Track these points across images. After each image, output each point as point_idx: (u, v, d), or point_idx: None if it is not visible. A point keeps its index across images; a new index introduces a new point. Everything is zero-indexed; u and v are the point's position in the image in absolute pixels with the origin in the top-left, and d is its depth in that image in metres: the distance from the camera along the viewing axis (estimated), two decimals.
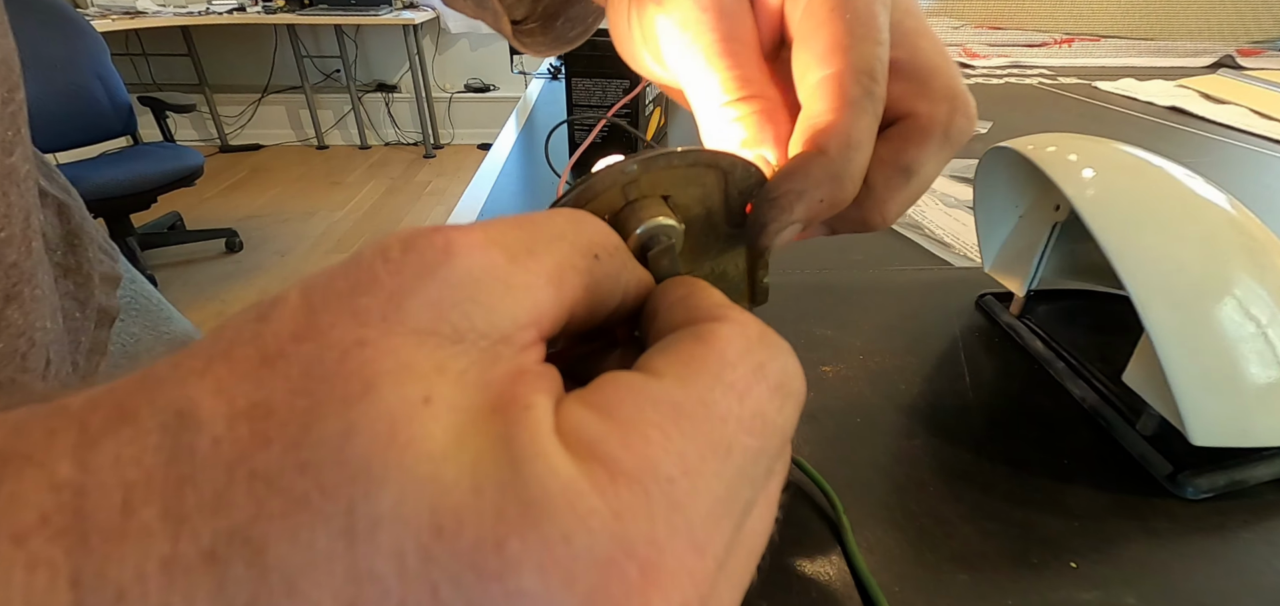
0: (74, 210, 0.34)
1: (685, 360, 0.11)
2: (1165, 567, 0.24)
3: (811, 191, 0.16)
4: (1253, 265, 0.26)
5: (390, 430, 0.09)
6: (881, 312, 0.40)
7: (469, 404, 0.09)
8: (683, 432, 0.10)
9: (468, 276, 0.10)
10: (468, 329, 0.10)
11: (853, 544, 0.24)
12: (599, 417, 0.10)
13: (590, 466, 0.09)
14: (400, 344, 0.09)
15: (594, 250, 0.13)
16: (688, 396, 0.11)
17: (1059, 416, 0.31)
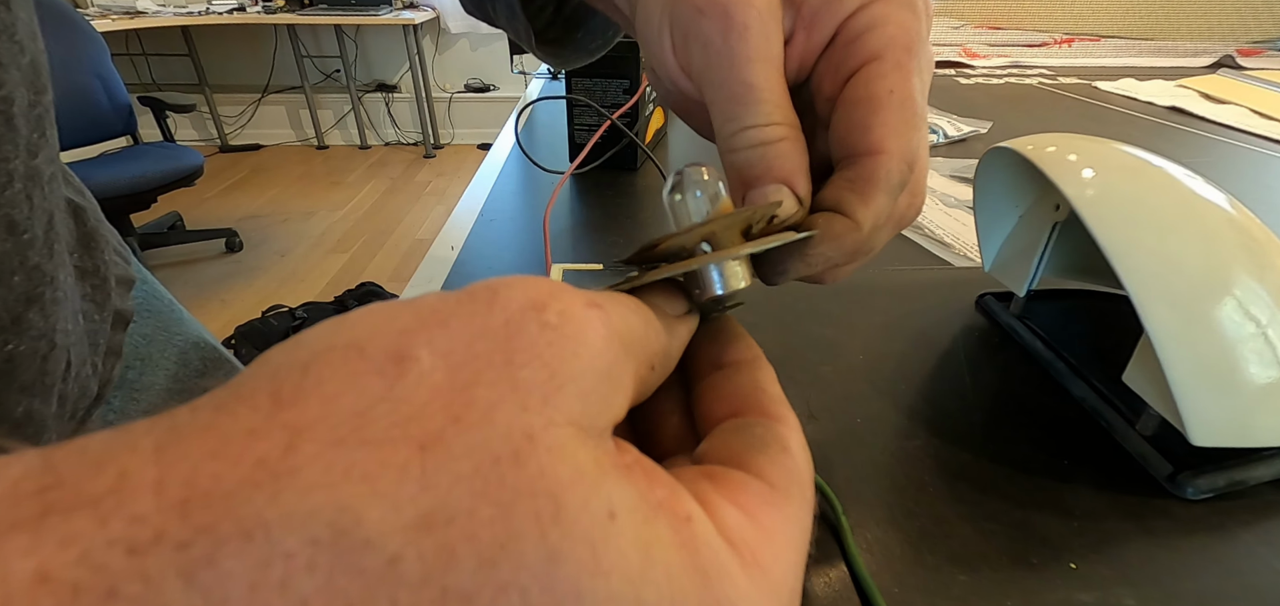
0: (89, 212, 0.34)
1: (786, 473, 0.13)
2: (1165, 568, 0.24)
3: (837, 257, 0.18)
4: (1253, 265, 0.26)
5: (593, 557, 0.09)
6: (881, 313, 0.40)
7: (634, 505, 0.10)
8: (795, 546, 0.12)
9: (608, 371, 0.11)
10: (597, 426, 0.10)
11: (852, 544, 0.24)
12: (748, 523, 0.11)
13: (753, 573, 0.11)
14: (562, 439, 0.09)
15: (653, 362, 0.13)
16: (793, 511, 0.13)
17: (1059, 416, 0.31)
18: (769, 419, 0.14)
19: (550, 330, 0.10)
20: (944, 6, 1.69)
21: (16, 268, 0.23)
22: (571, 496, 0.09)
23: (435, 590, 0.07)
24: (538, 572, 0.08)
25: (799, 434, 0.14)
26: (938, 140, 0.74)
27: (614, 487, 0.09)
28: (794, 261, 0.18)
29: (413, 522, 0.08)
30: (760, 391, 0.15)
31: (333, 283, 2.25)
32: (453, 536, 0.08)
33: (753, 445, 0.13)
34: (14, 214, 0.23)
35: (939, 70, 1.20)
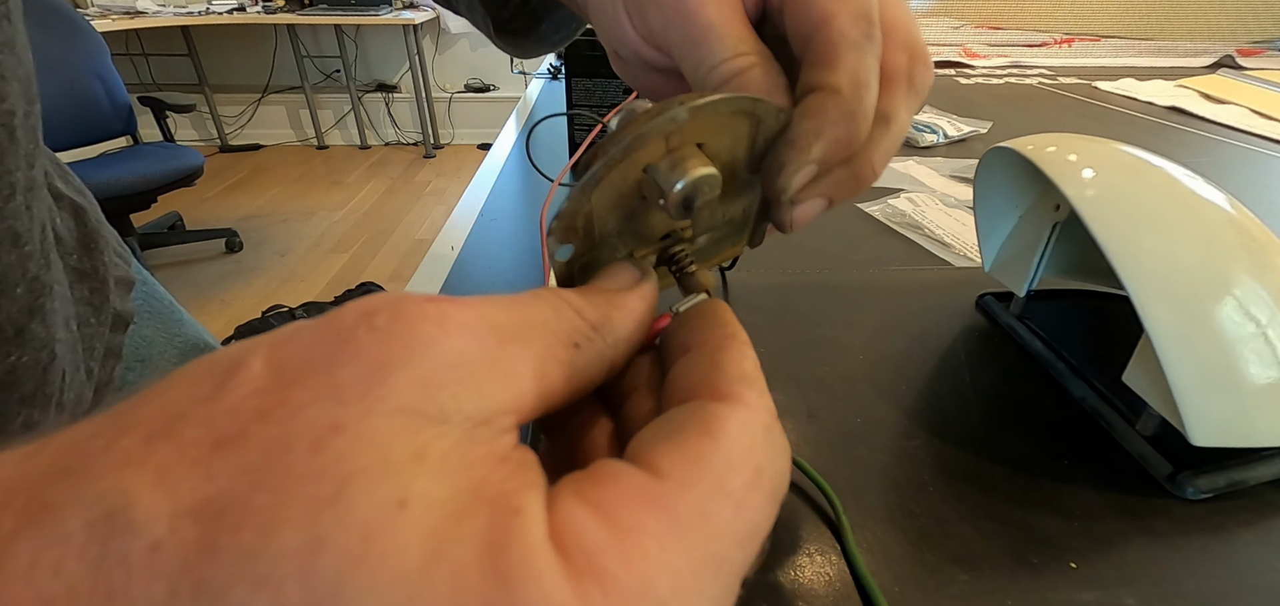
0: (90, 213, 0.33)
1: (690, 459, 0.11)
2: (1165, 568, 0.24)
3: (828, 130, 0.17)
4: (1253, 265, 0.26)
5: (362, 546, 0.08)
6: (881, 313, 0.40)
7: (448, 497, 0.09)
8: (681, 548, 0.10)
9: (461, 356, 0.10)
10: (454, 410, 0.09)
11: (853, 544, 0.24)
12: (599, 522, 0.09)
13: (586, 585, 0.09)
14: (379, 428, 0.09)
15: (575, 339, 0.12)
16: (688, 506, 0.10)
17: (1059, 416, 0.31)
18: (710, 400, 0.12)
19: (377, 331, 0.10)
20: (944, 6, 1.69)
21: (19, 279, 0.23)
22: (357, 483, 0.08)
23: (190, 582, 0.07)
24: (295, 563, 0.08)
25: (751, 413, 0.12)
26: (938, 140, 0.74)
27: (423, 476, 0.09)
28: (784, 152, 0.17)
29: (185, 510, 0.08)
30: (715, 372, 0.13)
31: (333, 283, 2.25)
32: (219, 526, 0.08)
33: (663, 431, 0.12)
34: (17, 225, 0.23)
35: (939, 70, 1.20)
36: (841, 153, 0.17)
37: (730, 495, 0.11)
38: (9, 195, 0.23)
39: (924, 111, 0.85)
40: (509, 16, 0.36)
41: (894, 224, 0.53)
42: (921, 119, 0.79)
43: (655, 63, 0.21)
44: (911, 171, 0.65)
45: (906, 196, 0.58)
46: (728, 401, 0.12)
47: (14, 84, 0.22)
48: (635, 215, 0.16)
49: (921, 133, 0.74)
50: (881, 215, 0.54)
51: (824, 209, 0.19)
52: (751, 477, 0.11)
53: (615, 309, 0.14)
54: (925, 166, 0.67)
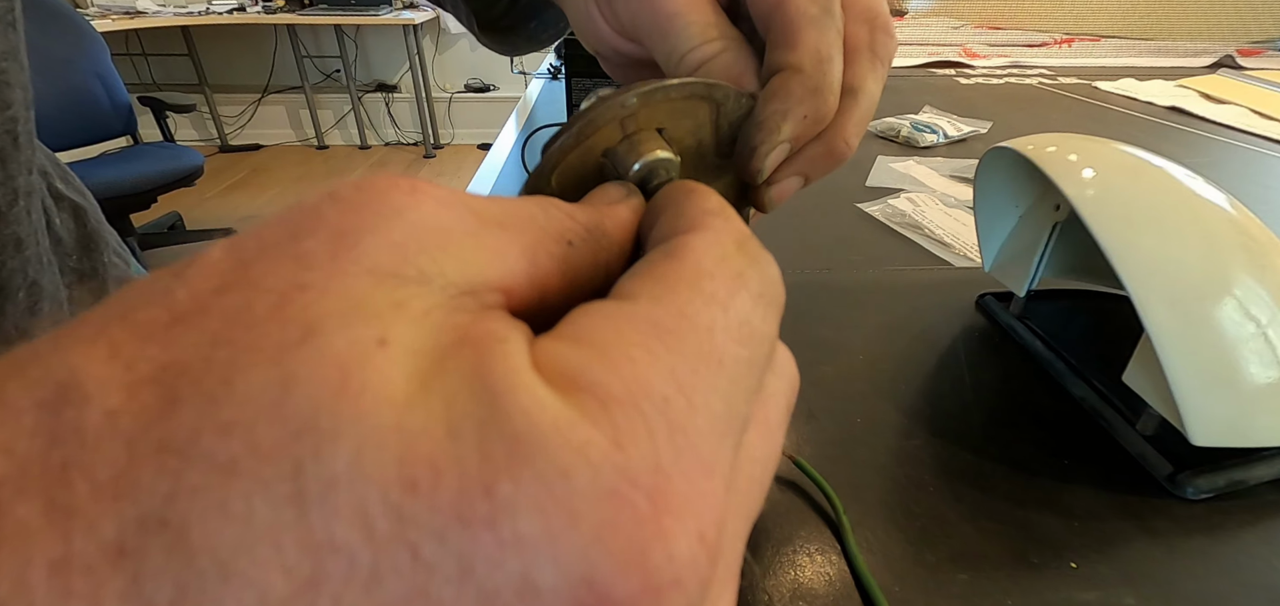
0: (90, 214, 0.33)
1: (658, 278, 0.10)
2: (1165, 567, 0.24)
3: (795, 108, 0.17)
4: (1253, 265, 0.26)
5: (340, 377, 0.07)
6: (881, 313, 0.40)
7: (432, 346, 0.08)
8: (669, 348, 0.09)
9: (437, 223, 0.09)
10: (435, 273, 0.09)
11: (853, 544, 0.24)
12: (577, 348, 0.09)
13: (578, 396, 0.08)
14: (351, 284, 0.08)
15: (567, 237, 0.12)
16: (666, 312, 0.10)
17: (1059, 416, 0.31)
18: (672, 236, 0.12)
19: (342, 202, 0.09)
20: (944, 6, 1.69)
21: (21, 284, 0.24)
22: (329, 323, 0.08)
23: (152, 440, 0.07)
24: (266, 400, 0.07)
25: (716, 233, 0.11)
26: (938, 140, 0.74)
27: (404, 322, 0.08)
28: (753, 132, 0.17)
29: (142, 378, 0.07)
30: (678, 216, 0.12)
31: None
32: (179, 383, 0.07)
33: (631, 271, 0.11)
34: (20, 230, 0.23)
35: (939, 70, 1.20)
36: (811, 129, 0.17)
37: (711, 296, 0.10)
38: (12, 200, 0.23)
39: (924, 111, 0.85)
40: (499, 14, 0.36)
41: (894, 224, 0.53)
42: (921, 119, 0.79)
43: (631, 55, 0.21)
44: (911, 171, 0.65)
45: (906, 196, 0.58)
46: (691, 231, 0.12)
47: (18, 91, 0.23)
48: (588, 183, 0.17)
49: (921, 133, 0.74)
50: (881, 215, 0.54)
51: (801, 186, 0.19)
52: (730, 279, 0.11)
53: (606, 216, 0.13)
54: (925, 166, 0.67)
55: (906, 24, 1.61)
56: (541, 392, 0.08)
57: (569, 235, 0.12)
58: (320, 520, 0.07)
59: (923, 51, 1.30)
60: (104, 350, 0.07)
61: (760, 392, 0.11)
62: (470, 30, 0.37)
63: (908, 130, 0.75)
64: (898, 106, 0.88)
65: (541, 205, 0.12)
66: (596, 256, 0.12)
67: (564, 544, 0.07)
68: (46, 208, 0.29)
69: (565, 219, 0.12)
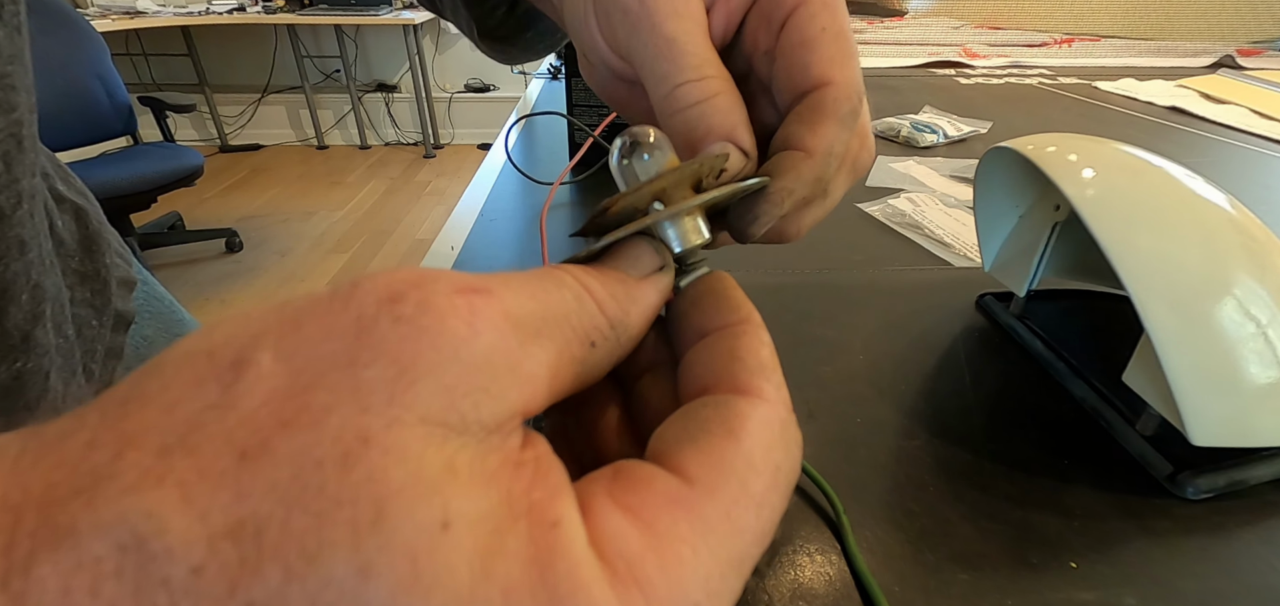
0: (92, 215, 0.33)
1: (716, 464, 0.11)
2: (1165, 567, 0.24)
3: (799, 190, 0.17)
4: (1253, 265, 0.26)
5: (412, 569, 0.08)
6: (881, 313, 0.40)
7: (486, 513, 0.09)
8: (711, 552, 0.10)
9: (487, 360, 0.10)
10: (474, 420, 0.09)
11: (853, 544, 0.24)
12: (636, 530, 0.10)
13: (629, 593, 0.09)
14: (408, 439, 0.08)
15: (592, 338, 0.12)
16: (717, 512, 0.11)
17: (1059, 416, 0.31)
18: (731, 394, 0.12)
19: (404, 323, 0.09)
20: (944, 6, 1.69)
21: (25, 286, 0.24)
22: (397, 503, 0.08)
23: (238, 604, 0.07)
24: (347, 588, 0.07)
25: (771, 409, 0.12)
26: (938, 140, 0.74)
27: (459, 493, 0.08)
28: (761, 205, 0.17)
29: (220, 532, 0.07)
30: (735, 362, 0.13)
31: (333, 283, 2.25)
32: (261, 547, 0.07)
33: (688, 431, 0.12)
34: (24, 233, 0.23)
35: (939, 70, 1.21)
36: (801, 207, 0.19)
37: (753, 497, 0.11)
38: (16, 204, 0.23)
39: (924, 111, 0.85)
40: (495, 24, 0.36)
41: (894, 224, 0.53)
42: (921, 119, 0.79)
43: (621, 72, 0.21)
44: (911, 171, 0.65)
45: (906, 196, 0.58)
46: (748, 396, 0.12)
47: (22, 94, 0.23)
48: None
49: (921, 133, 0.74)
50: (881, 215, 0.54)
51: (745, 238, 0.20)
52: (771, 478, 0.12)
53: (633, 302, 0.14)
54: (925, 166, 0.67)
55: (906, 24, 1.61)
56: (599, 593, 0.09)
57: (594, 336, 0.12)
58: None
59: (923, 51, 1.30)
60: (176, 495, 0.07)
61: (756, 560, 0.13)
62: (470, 37, 0.37)
63: (908, 130, 0.75)
64: (898, 106, 0.88)
65: (577, 297, 0.12)
66: (613, 354, 0.13)
67: None
68: (48, 209, 0.29)
69: (595, 314, 0.12)
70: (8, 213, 0.22)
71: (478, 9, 0.35)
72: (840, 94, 0.18)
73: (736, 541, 0.11)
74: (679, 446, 0.12)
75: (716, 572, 0.10)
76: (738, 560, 0.11)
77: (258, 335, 0.09)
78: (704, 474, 0.11)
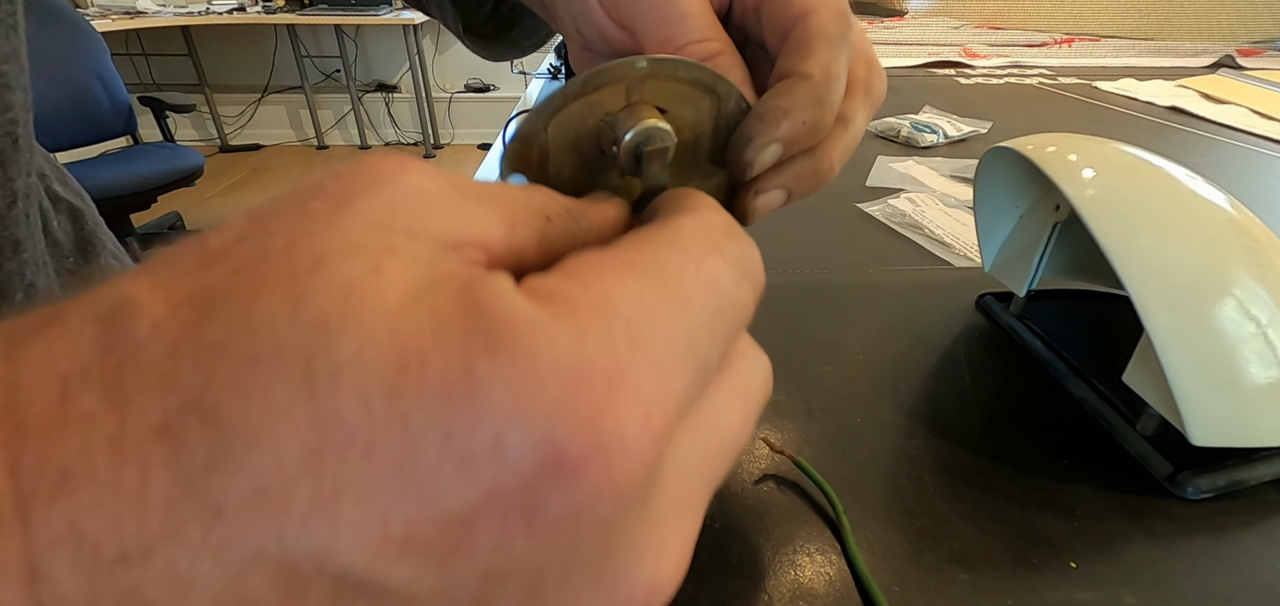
0: (87, 216, 0.33)
1: (639, 236, 0.12)
2: (1165, 567, 0.24)
3: (796, 111, 0.17)
4: (1253, 265, 0.26)
5: (344, 292, 0.09)
6: (881, 313, 0.40)
7: (421, 275, 0.09)
8: (638, 279, 0.11)
9: (422, 191, 0.11)
10: (420, 228, 0.10)
11: (853, 543, 0.24)
12: (555, 274, 0.10)
13: (552, 304, 0.10)
14: (349, 229, 0.09)
15: (546, 213, 0.13)
16: (641, 257, 0.11)
17: (1059, 416, 0.31)
18: (663, 218, 0.13)
19: (341, 176, 0.10)
20: (944, 6, 1.69)
21: (19, 286, 0.24)
22: (332, 257, 0.09)
23: (190, 344, 0.08)
24: (285, 312, 0.09)
25: (700, 215, 0.13)
26: (938, 140, 0.74)
27: (396, 259, 0.09)
28: (751, 125, 0.17)
29: (180, 301, 0.09)
30: (666, 203, 0.14)
31: None
32: (212, 304, 0.09)
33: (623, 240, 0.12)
34: (18, 233, 0.23)
35: (939, 70, 1.20)
36: (806, 138, 0.18)
37: (684, 250, 0.12)
38: (11, 202, 0.23)
39: (924, 111, 0.85)
40: (480, 21, 0.36)
41: (894, 224, 0.53)
42: (921, 119, 0.79)
43: (621, 46, 0.21)
44: (911, 171, 0.65)
45: (906, 196, 0.58)
46: (681, 213, 0.13)
47: (18, 93, 0.23)
48: (593, 170, 0.16)
49: (921, 133, 0.74)
50: (881, 215, 0.54)
51: (783, 202, 0.19)
52: (707, 247, 0.12)
53: (589, 206, 0.14)
54: (925, 166, 0.67)
55: (906, 24, 1.61)
56: (518, 301, 0.09)
57: (547, 211, 0.13)
58: (327, 400, 0.08)
59: (923, 51, 1.30)
60: (147, 281, 0.09)
61: (733, 357, 0.13)
62: (456, 34, 0.37)
63: (908, 130, 0.75)
64: (898, 106, 0.88)
65: (523, 187, 0.13)
66: (575, 237, 0.13)
67: (529, 411, 0.09)
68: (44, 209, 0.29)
69: (545, 197, 0.13)
70: (2, 212, 0.22)
71: (463, 5, 0.35)
72: (825, 17, 0.18)
73: (668, 277, 0.11)
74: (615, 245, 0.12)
75: (650, 296, 0.10)
76: (676, 293, 0.11)
77: (246, 208, 0.10)
78: (627, 241, 0.12)
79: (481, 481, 0.08)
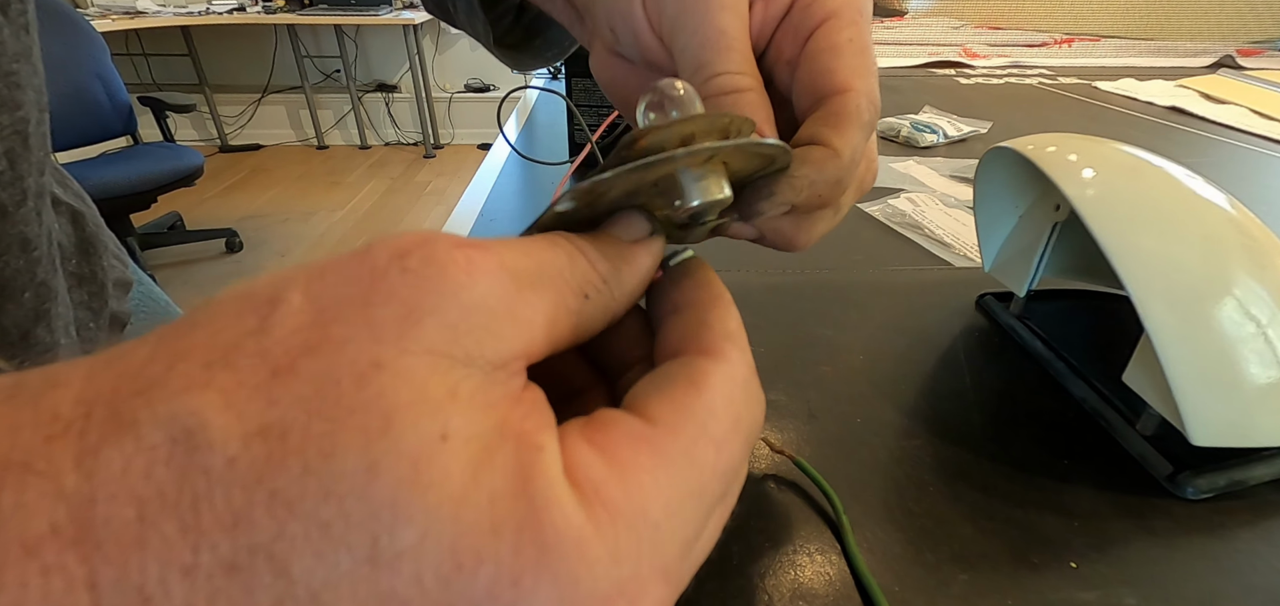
0: (88, 217, 0.34)
1: (678, 408, 0.12)
2: (1165, 567, 0.24)
3: (820, 184, 0.18)
4: (1253, 265, 0.26)
5: (413, 471, 0.09)
6: (881, 312, 0.40)
7: (480, 432, 0.10)
8: (671, 481, 0.12)
9: (484, 303, 0.11)
10: (478, 355, 0.11)
11: (853, 543, 0.24)
12: (602, 461, 0.11)
13: (595, 511, 0.10)
14: (415, 366, 0.10)
15: (585, 291, 0.13)
16: (677, 448, 0.12)
17: (1059, 416, 0.31)
18: (698, 355, 0.14)
19: (411, 273, 0.10)
20: (944, 6, 1.69)
21: (27, 284, 0.24)
22: (403, 415, 0.09)
23: (265, 491, 0.09)
24: (355, 482, 0.09)
25: (731, 367, 0.14)
26: (938, 140, 0.74)
27: (458, 413, 0.10)
28: (779, 184, 0.17)
29: (253, 432, 0.09)
30: (703, 328, 0.14)
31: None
32: (286, 446, 0.09)
33: (656, 384, 0.13)
34: (27, 231, 0.23)
35: (939, 70, 1.21)
36: (814, 206, 0.19)
37: (712, 439, 0.12)
38: (20, 201, 0.23)
39: (924, 111, 0.85)
40: (504, 30, 0.36)
41: (894, 224, 0.53)
42: (921, 119, 0.79)
43: (652, 56, 0.21)
44: (911, 171, 0.65)
45: (906, 196, 0.58)
46: (712, 357, 0.14)
47: (29, 92, 0.23)
48: (639, 194, 0.16)
49: (921, 133, 0.74)
50: (881, 215, 0.54)
51: (752, 236, 0.20)
52: (731, 425, 0.13)
53: (625, 262, 0.15)
54: (925, 166, 0.67)
55: (906, 24, 1.61)
56: (569, 509, 0.10)
57: (587, 289, 0.13)
58: (387, 577, 0.09)
59: (923, 51, 1.30)
60: (219, 400, 0.09)
61: (722, 500, 0.14)
62: (486, 45, 0.37)
63: (908, 130, 0.75)
64: (898, 106, 0.88)
65: (569, 255, 0.13)
66: (608, 308, 0.14)
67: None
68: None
69: (588, 269, 0.14)
70: (10, 210, 0.22)
71: (491, 12, 0.35)
72: (861, 100, 0.18)
73: (696, 475, 0.12)
74: (646, 396, 0.13)
75: (675, 498, 0.11)
76: (697, 491, 0.12)
77: (290, 279, 0.11)
78: (665, 415, 0.12)
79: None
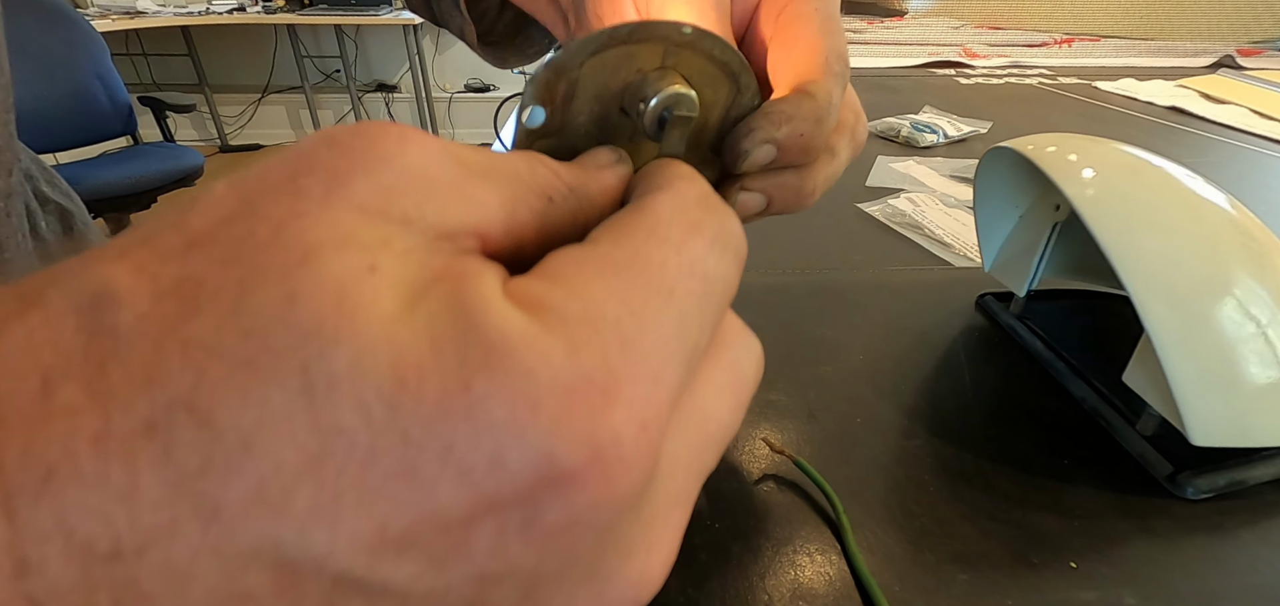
0: (76, 216, 0.34)
1: (619, 226, 0.12)
2: (1165, 567, 0.24)
3: (798, 121, 0.18)
4: (1253, 265, 0.26)
5: (338, 295, 0.08)
6: (881, 312, 0.40)
7: (414, 278, 0.09)
8: (622, 280, 0.10)
9: (422, 171, 0.10)
10: (416, 217, 0.10)
11: (853, 544, 0.24)
12: (542, 280, 0.10)
13: (542, 316, 0.09)
14: (341, 216, 0.09)
15: (548, 193, 0.12)
16: (622, 254, 0.11)
17: (1059, 416, 0.31)
18: (638, 197, 0.13)
19: (338, 145, 0.10)
20: (944, 6, 1.69)
21: None
22: (326, 250, 0.09)
23: (177, 340, 0.08)
24: (275, 311, 0.08)
25: (676, 193, 0.13)
26: (938, 140, 0.74)
27: (391, 257, 0.09)
28: (756, 120, 0.18)
29: (165, 290, 0.08)
30: (644, 178, 0.14)
31: None
32: (200, 296, 0.08)
33: (597, 227, 0.12)
34: (1, 234, 0.23)
35: (939, 70, 1.21)
36: (799, 151, 0.18)
37: (664, 239, 0.11)
38: None
39: (924, 111, 0.85)
40: (487, 27, 0.36)
41: (894, 224, 0.53)
42: (921, 119, 0.79)
43: None
44: (911, 171, 0.65)
45: (906, 196, 0.58)
46: (657, 190, 0.13)
47: None
48: (608, 124, 0.16)
49: (921, 133, 0.74)
50: (881, 215, 0.54)
51: (762, 208, 0.20)
52: (685, 227, 0.12)
53: (591, 179, 0.14)
54: (925, 166, 0.67)
55: (906, 24, 1.61)
56: (510, 314, 0.09)
57: (550, 191, 0.12)
58: (326, 409, 0.08)
59: (923, 51, 1.30)
60: (130, 266, 0.09)
61: (721, 343, 0.13)
62: (469, 43, 0.38)
63: (908, 130, 0.75)
64: (898, 106, 0.88)
65: (527, 161, 0.13)
66: (576, 216, 0.13)
67: (528, 427, 0.09)
68: (31, 210, 0.29)
69: (549, 175, 0.13)
70: None
71: (474, 9, 0.35)
72: (831, 55, 0.19)
73: (654, 273, 0.11)
74: (589, 234, 0.12)
75: (634, 294, 0.10)
76: (660, 287, 0.11)
77: (220, 180, 0.10)
78: (607, 234, 0.11)
79: (480, 492, 0.09)
